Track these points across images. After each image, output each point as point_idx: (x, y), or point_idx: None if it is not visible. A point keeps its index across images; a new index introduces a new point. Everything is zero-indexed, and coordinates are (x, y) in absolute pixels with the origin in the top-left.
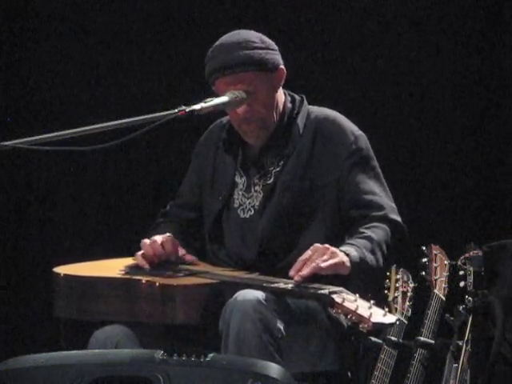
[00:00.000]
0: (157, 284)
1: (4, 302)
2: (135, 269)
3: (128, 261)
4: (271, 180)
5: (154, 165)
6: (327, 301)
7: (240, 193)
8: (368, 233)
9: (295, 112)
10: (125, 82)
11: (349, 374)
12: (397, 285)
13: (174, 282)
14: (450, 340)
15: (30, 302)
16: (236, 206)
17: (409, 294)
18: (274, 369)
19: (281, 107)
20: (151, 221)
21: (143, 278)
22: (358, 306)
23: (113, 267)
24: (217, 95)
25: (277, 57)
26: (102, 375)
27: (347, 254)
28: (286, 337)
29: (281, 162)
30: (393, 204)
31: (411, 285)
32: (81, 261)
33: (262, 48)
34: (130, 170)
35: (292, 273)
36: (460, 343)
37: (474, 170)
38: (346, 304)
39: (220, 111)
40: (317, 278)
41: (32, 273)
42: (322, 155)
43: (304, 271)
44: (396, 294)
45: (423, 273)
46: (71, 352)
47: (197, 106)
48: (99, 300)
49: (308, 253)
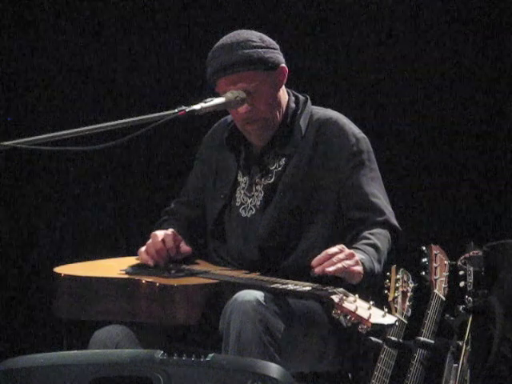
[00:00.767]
0: (157, 284)
1: (4, 302)
2: (135, 269)
3: (128, 261)
4: (272, 179)
5: (154, 164)
6: (327, 301)
7: (242, 192)
8: (374, 240)
9: (298, 112)
10: (125, 82)
11: (349, 375)
12: (397, 285)
13: (174, 282)
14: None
15: (31, 302)
16: (238, 204)
17: (409, 293)
18: (273, 369)
19: (284, 107)
20: (152, 221)
21: (143, 279)
22: (357, 307)
23: (113, 267)
24: (217, 95)
25: (277, 55)
26: (102, 375)
27: (362, 263)
28: (286, 337)
29: (282, 162)
30: (390, 208)
31: (411, 285)
32: (81, 261)
33: (262, 47)
34: (130, 169)
35: (314, 263)
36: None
37: (474, 170)
38: (346, 305)
39: (220, 111)
40: (318, 277)
41: (32, 273)
42: (324, 157)
43: (330, 268)
44: (396, 294)
45: (423, 273)
46: (71, 352)
47: (197, 106)
48: (99, 300)
49: (334, 250)
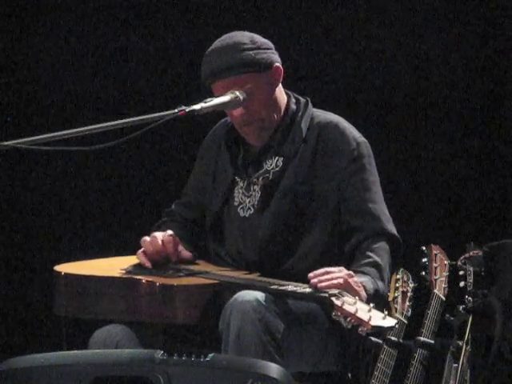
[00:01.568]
0: (157, 284)
1: (4, 302)
2: (136, 268)
3: (129, 260)
4: (270, 179)
5: (154, 164)
6: (327, 303)
7: (240, 191)
8: (375, 258)
9: (299, 114)
10: (125, 82)
11: (349, 375)
12: (397, 285)
13: (174, 281)
14: (450, 340)
15: (31, 302)
16: (236, 204)
17: (409, 293)
18: (273, 369)
19: (282, 107)
20: (152, 220)
21: (143, 278)
22: (357, 309)
23: (114, 266)
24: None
25: (271, 55)
26: (102, 375)
27: (363, 286)
28: (286, 337)
29: (279, 162)
30: (387, 214)
31: (411, 285)
32: (81, 259)
33: (252, 49)
34: (130, 169)
35: (311, 275)
36: (460, 343)
37: (474, 170)
38: (346, 307)
39: (220, 111)
40: None
41: (33, 272)
42: (324, 161)
43: (327, 282)
44: (396, 294)
45: (423, 273)
46: (71, 352)
47: (197, 106)
48: (99, 299)
49: (333, 269)
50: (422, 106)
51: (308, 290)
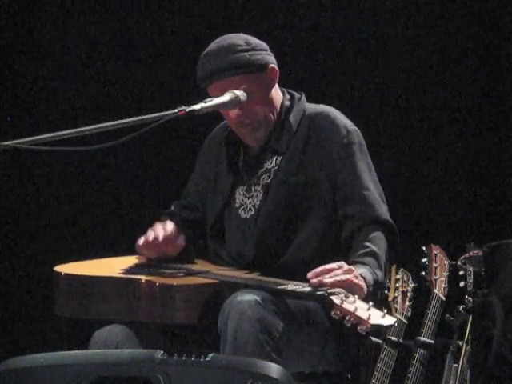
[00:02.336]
0: (157, 284)
1: (4, 302)
2: (135, 268)
3: (129, 260)
4: (270, 178)
5: (154, 164)
6: (326, 302)
7: (241, 193)
8: (372, 247)
9: (291, 109)
10: (125, 82)
11: (349, 375)
12: (397, 285)
13: (173, 281)
14: (450, 340)
15: (31, 302)
16: (237, 205)
17: (409, 294)
18: (274, 369)
19: (278, 106)
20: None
21: (143, 278)
22: (356, 308)
23: (113, 266)
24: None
25: (265, 56)
26: (102, 375)
27: (363, 277)
28: (285, 337)
29: (278, 160)
30: (382, 200)
31: (411, 285)
32: (81, 260)
33: (247, 50)
34: (130, 169)
35: (310, 275)
36: (460, 343)
37: (474, 170)
38: (345, 305)
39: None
40: None
41: (33, 272)
42: (316, 150)
43: (327, 280)
44: (396, 294)
45: (423, 273)
46: (71, 352)
47: (197, 106)
48: (99, 299)
49: (333, 265)
50: (422, 106)
51: (307, 288)
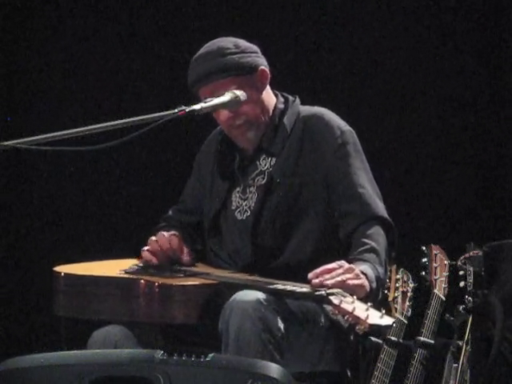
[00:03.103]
0: (156, 284)
1: (4, 302)
2: (135, 269)
3: (128, 262)
4: (264, 180)
5: (154, 165)
6: (325, 302)
7: (237, 195)
8: (371, 243)
9: (286, 112)
10: (125, 82)
11: (348, 374)
12: (397, 285)
13: (172, 282)
14: (449, 340)
15: (30, 302)
16: (233, 208)
17: (409, 293)
18: (274, 369)
19: (271, 108)
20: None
21: (142, 278)
22: (355, 308)
23: (113, 267)
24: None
25: (255, 59)
26: (102, 375)
27: (364, 274)
28: (285, 336)
29: (272, 162)
30: (379, 197)
31: (411, 285)
32: (81, 261)
33: (236, 53)
34: (130, 170)
35: (311, 275)
36: (460, 343)
37: (474, 170)
38: (344, 305)
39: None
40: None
41: (32, 272)
42: (310, 152)
43: (328, 281)
44: (396, 294)
45: (423, 273)
46: (71, 352)
47: (197, 106)
48: (99, 299)
49: (333, 265)
50: (422, 105)
51: (306, 289)
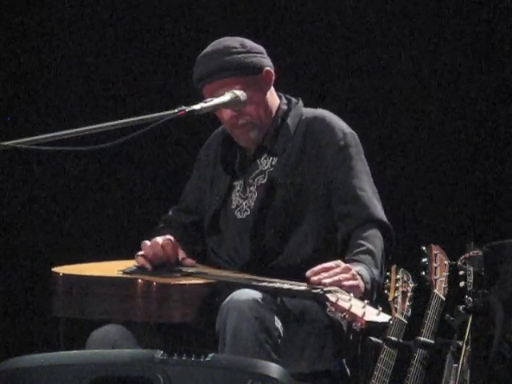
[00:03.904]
0: (154, 283)
1: (4, 302)
2: (133, 269)
3: (126, 263)
4: (265, 180)
5: (154, 165)
6: (322, 299)
7: (237, 194)
8: (368, 245)
9: (289, 113)
10: (125, 82)
11: (348, 374)
12: (397, 285)
13: (170, 281)
14: (449, 340)
15: (30, 302)
16: (233, 207)
17: (409, 293)
18: (273, 369)
19: (274, 109)
20: (150, 223)
21: (140, 278)
22: (351, 305)
23: (111, 268)
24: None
25: (261, 59)
26: (102, 375)
27: (360, 275)
28: (284, 336)
29: (274, 162)
30: (378, 200)
31: (411, 285)
32: (80, 262)
33: (242, 52)
34: (129, 170)
35: (309, 273)
36: (460, 343)
37: (474, 170)
38: (340, 303)
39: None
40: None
41: (32, 272)
42: (312, 153)
43: (326, 280)
44: (396, 294)
45: (423, 273)
46: (71, 352)
47: (197, 106)
48: (97, 299)
49: (330, 264)
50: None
51: (303, 287)
